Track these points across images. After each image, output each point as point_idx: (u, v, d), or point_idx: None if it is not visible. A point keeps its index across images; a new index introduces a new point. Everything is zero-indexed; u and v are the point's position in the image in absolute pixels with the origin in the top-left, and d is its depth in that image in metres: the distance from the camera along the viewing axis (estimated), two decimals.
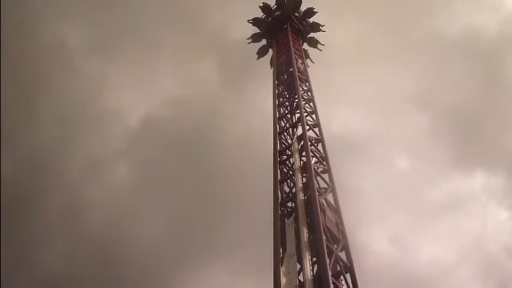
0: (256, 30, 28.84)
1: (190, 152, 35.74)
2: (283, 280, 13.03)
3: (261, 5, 28.62)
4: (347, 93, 37.48)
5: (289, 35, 26.44)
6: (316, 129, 19.45)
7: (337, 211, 15.47)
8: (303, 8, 28.50)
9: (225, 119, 38.67)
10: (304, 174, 16.72)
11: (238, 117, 38.53)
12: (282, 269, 13.41)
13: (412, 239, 33.93)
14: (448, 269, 32.61)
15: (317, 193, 15.23)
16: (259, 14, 28.82)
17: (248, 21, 28.82)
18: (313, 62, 27.23)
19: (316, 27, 28.65)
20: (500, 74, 39.76)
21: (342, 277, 13.26)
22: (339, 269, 13.41)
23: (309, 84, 22.78)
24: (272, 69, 25.19)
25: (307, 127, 19.04)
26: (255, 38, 28.64)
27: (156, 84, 42.10)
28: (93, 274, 30.22)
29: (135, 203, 34.49)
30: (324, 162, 17.61)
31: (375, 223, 31.22)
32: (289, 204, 16.17)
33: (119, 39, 41.31)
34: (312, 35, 28.64)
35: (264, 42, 28.63)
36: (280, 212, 15.63)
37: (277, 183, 16.81)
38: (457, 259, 33.31)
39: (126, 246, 31.84)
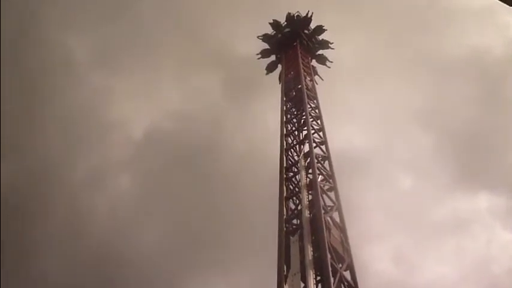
0: (265, 46, 29.11)
1: (193, 165, 35.76)
2: None
3: (271, 21, 28.96)
4: (352, 111, 37.60)
5: (299, 51, 26.61)
6: (323, 147, 19.46)
7: (342, 229, 15.39)
8: (312, 25, 28.78)
9: (229, 133, 38.79)
10: (310, 192, 16.69)
11: (242, 131, 38.65)
12: (286, 287, 13.35)
13: (415, 259, 33.63)
14: None
15: (323, 211, 15.20)
16: (267, 30, 29.17)
17: (258, 37, 29.11)
18: (322, 79, 27.38)
19: (325, 44, 28.86)
20: (504, 95, 39.82)
21: None
22: None
23: (317, 101, 22.87)
24: (280, 85, 25.36)
25: (314, 144, 19.08)
26: (264, 53, 28.86)
27: (160, 96, 42.31)
28: (94, 284, 30.11)
29: (137, 214, 34.48)
30: (330, 180, 17.56)
31: (378, 242, 31.01)
32: (295, 221, 16.12)
33: (123, 52, 41.66)
34: (320, 52, 28.86)
35: (273, 57, 28.87)
36: (285, 228, 15.61)
37: (283, 200, 16.79)
38: (460, 279, 32.94)
39: (127, 257, 31.73)
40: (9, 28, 34.23)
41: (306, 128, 20.27)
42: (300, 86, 23.46)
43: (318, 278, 13.32)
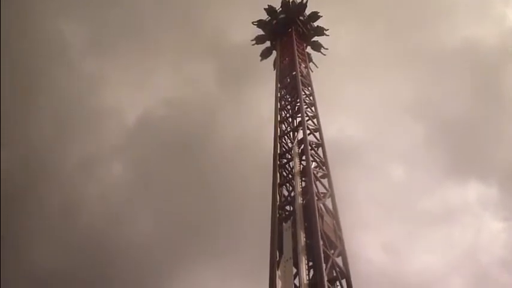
0: (259, 32, 28.81)
1: (187, 152, 35.76)
2: (278, 284, 13.06)
3: (266, 7, 28.64)
4: (346, 99, 37.63)
5: (294, 38, 26.36)
6: (317, 134, 19.40)
7: (335, 216, 15.43)
8: (307, 11, 28.46)
9: (223, 120, 38.75)
10: (303, 179, 16.68)
11: (236, 118, 38.66)
12: (278, 273, 13.41)
13: (405, 248, 33.98)
14: (440, 279, 32.64)
15: (316, 198, 15.21)
16: (262, 17, 28.79)
17: (253, 23, 28.76)
18: (317, 67, 27.15)
19: (320, 31, 28.56)
20: (497, 87, 39.95)
21: (337, 283, 13.25)
22: (335, 274, 13.39)
23: (311, 88, 22.73)
24: (275, 72, 25.19)
25: (308, 131, 19.01)
26: (259, 39, 28.53)
27: (154, 83, 42.19)
28: (87, 270, 30.17)
29: (130, 201, 34.50)
30: (324, 167, 17.57)
31: (369, 230, 31.22)
32: (288, 207, 16.15)
33: (118, 38, 41.45)
34: (315, 38, 28.56)
35: (267, 44, 28.58)
36: (278, 215, 15.60)
37: (276, 187, 16.78)
38: (449, 269, 33.35)
39: (119, 243, 31.79)
40: (4, 16, 33.79)
41: (300, 115, 20.18)
42: (294, 73, 23.29)
43: (310, 263, 13.39)
